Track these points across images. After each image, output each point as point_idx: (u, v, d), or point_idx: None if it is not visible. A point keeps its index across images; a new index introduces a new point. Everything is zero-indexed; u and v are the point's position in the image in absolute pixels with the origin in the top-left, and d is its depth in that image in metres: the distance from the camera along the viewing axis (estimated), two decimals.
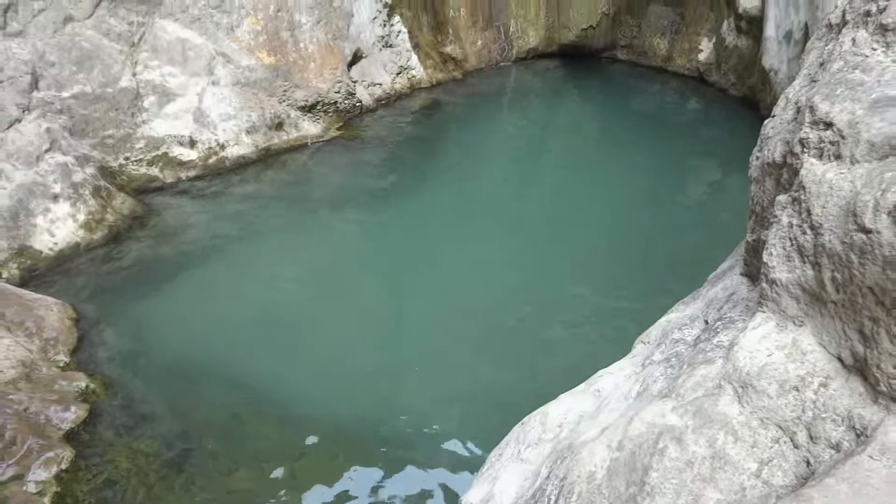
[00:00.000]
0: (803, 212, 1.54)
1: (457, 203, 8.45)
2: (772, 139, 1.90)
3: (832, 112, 1.53)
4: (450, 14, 12.47)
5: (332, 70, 10.47)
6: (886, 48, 1.56)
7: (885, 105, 1.45)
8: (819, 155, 1.55)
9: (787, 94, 1.96)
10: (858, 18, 1.67)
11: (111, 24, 8.56)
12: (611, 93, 11.85)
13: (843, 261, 1.42)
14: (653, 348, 2.24)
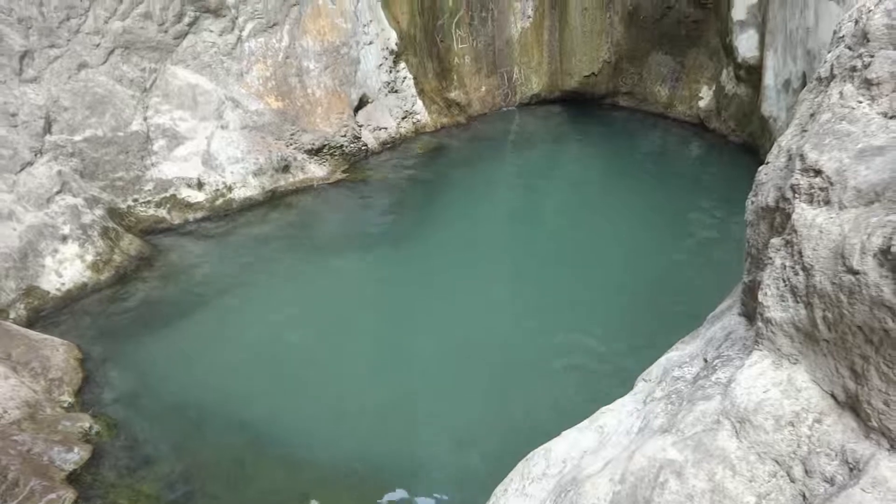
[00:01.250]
0: (795, 254, 1.61)
1: (460, 245, 8.54)
2: (765, 185, 1.98)
3: (821, 160, 1.62)
4: (455, 61, 12.77)
5: (338, 114, 10.70)
6: (871, 101, 1.65)
7: (871, 154, 1.54)
8: (809, 200, 1.63)
9: (780, 142, 2.05)
10: (845, 73, 1.77)
11: (124, 71, 8.80)
12: (613, 138, 12.04)
13: (833, 301, 1.48)
14: (654, 385, 2.28)
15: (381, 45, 11.52)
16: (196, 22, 9.38)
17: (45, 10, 8.03)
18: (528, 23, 13.22)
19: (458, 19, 12.70)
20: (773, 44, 10.14)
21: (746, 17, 11.06)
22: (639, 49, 13.01)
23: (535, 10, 13.16)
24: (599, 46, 13.08)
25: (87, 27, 8.42)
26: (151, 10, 8.92)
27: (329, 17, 10.77)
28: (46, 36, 8.07)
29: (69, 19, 8.25)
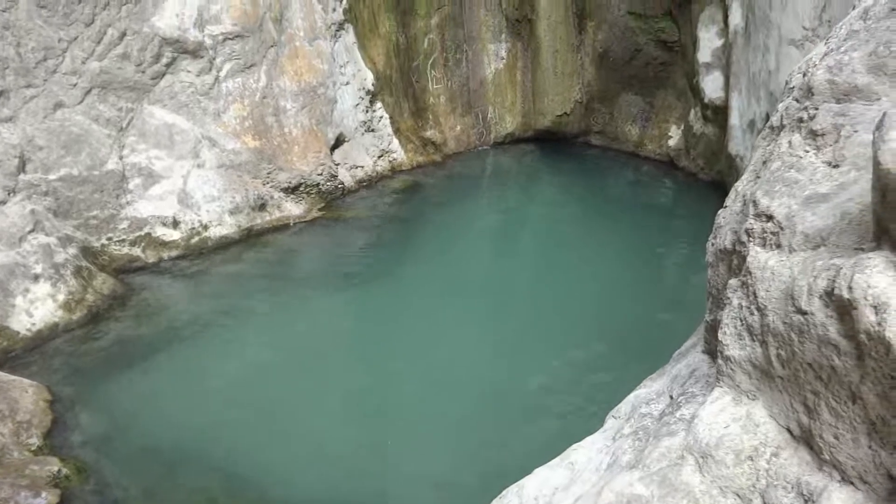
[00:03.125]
0: (750, 294, 1.70)
1: (436, 282, 8.60)
2: (723, 228, 2.08)
3: (772, 206, 1.72)
4: (430, 101, 12.99)
5: (315, 153, 10.79)
6: (817, 150, 1.76)
7: (816, 201, 1.64)
8: (763, 244, 1.72)
9: (737, 187, 2.16)
10: (793, 123, 1.88)
11: (101, 110, 8.83)
12: (585, 176, 12.28)
13: (785, 339, 1.57)
14: (622, 422, 2.35)
15: (357, 86, 11.70)
16: (174, 62, 9.47)
17: (23, 50, 8.07)
18: (501, 64, 13.53)
19: (433, 60, 12.96)
20: (738, 85, 10.50)
21: (711, 60, 11.45)
22: (609, 90, 13.35)
23: (508, 52, 13.48)
24: (571, 87, 13.41)
25: (64, 67, 8.47)
26: (129, 50, 9.00)
27: (306, 58, 10.94)
28: (23, 76, 8.10)
29: (46, 60, 8.30)
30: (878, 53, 1.71)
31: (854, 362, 1.40)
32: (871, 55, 1.73)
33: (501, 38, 13.44)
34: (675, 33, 12.27)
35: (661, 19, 12.33)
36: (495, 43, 13.43)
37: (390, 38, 12.37)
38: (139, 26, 9.06)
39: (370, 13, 12.09)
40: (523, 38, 13.44)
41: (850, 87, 1.75)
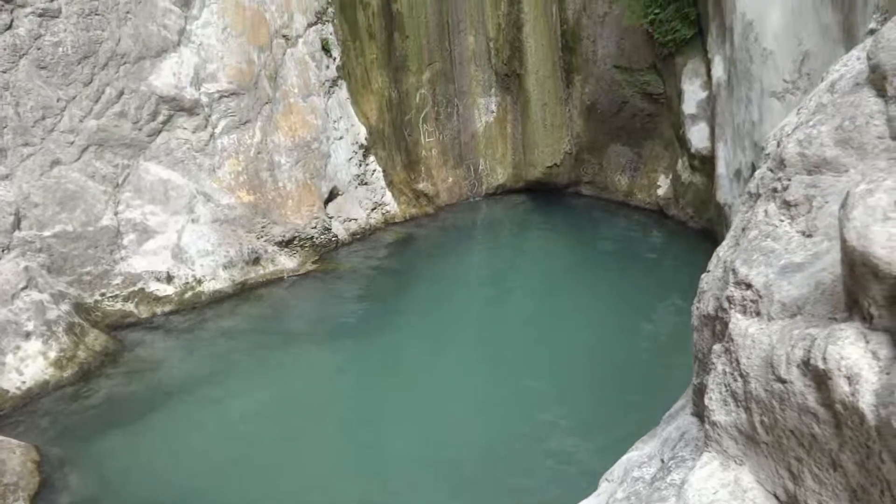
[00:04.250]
0: (733, 361, 1.75)
1: (430, 334, 8.60)
2: (706, 293, 2.14)
3: (750, 275, 1.78)
4: (422, 154, 13.20)
5: (309, 207, 10.91)
6: (791, 220, 1.83)
7: (792, 271, 1.71)
8: (743, 311, 1.78)
9: (718, 252, 2.23)
10: (768, 193, 1.96)
11: (97, 167, 8.94)
12: (577, 226, 12.41)
13: (768, 406, 1.61)
14: (616, 486, 2.36)
15: (350, 140, 11.90)
16: (170, 120, 9.64)
17: (22, 110, 8.22)
18: (492, 117, 13.81)
19: (425, 114, 13.22)
20: (723, 136, 10.73)
21: (696, 111, 11.72)
22: (598, 141, 13.61)
23: (498, 106, 13.77)
24: (560, 139, 13.66)
25: (62, 126, 8.61)
26: (127, 109, 9.17)
27: (300, 113, 11.15)
28: (21, 135, 8.23)
29: (45, 119, 8.44)
30: (844, 128, 1.80)
31: (833, 430, 1.44)
32: (837, 129, 1.82)
33: (491, 93, 13.75)
34: (660, 86, 12.58)
35: (645, 73, 12.65)
36: (485, 97, 13.74)
37: (383, 94, 12.64)
38: (137, 85, 9.25)
39: (363, 70, 12.38)
40: (513, 92, 13.75)
41: (819, 159, 1.84)
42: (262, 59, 10.67)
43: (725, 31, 10.38)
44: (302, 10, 11.31)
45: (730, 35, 10.17)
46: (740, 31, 9.77)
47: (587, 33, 13.08)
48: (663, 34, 11.80)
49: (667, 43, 11.82)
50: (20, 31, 8.14)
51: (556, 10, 13.38)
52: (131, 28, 9.17)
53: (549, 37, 13.46)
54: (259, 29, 10.68)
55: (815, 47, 8.27)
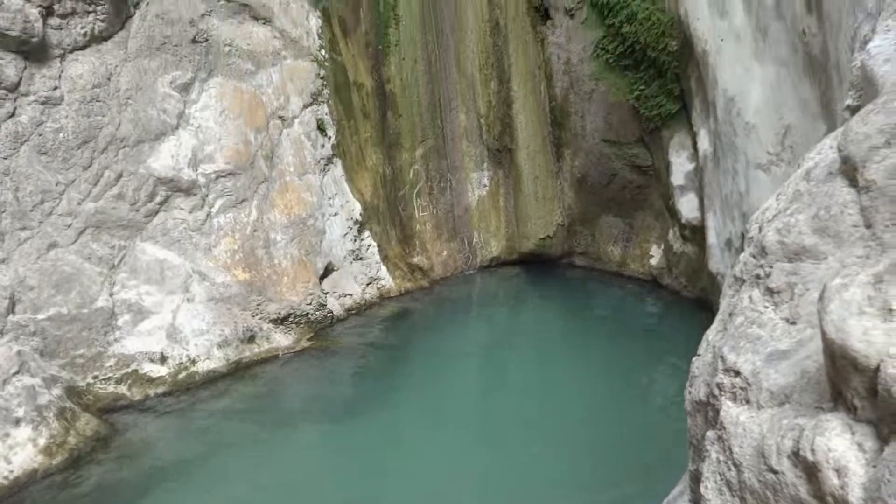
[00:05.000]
0: (726, 449, 1.75)
1: (426, 410, 8.49)
2: (697, 378, 2.16)
3: (738, 362, 1.81)
4: (416, 228, 13.36)
5: (304, 283, 10.94)
6: (775, 307, 1.88)
7: (778, 358, 1.74)
8: (733, 398, 1.80)
9: (707, 336, 2.26)
10: (752, 279, 2.01)
11: (93, 249, 9.01)
12: (571, 297, 12.45)
13: (762, 496, 1.61)
14: None
15: (345, 216, 12.06)
16: (167, 200, 9.78)
17: (21, 195, 8.34)
18: (484, 191, 14.05)
19: (418, 189, 13.45)
20: (712, 206, 10.92)
21: (685, 183, 11.95)
22: (590, 212, 13.81)
23: (490, 180, 14.04)
24: (552, 211, 13.86)
25: (60, 209, 8.72)
26: (125, 191, 9.32)
27: (296, 191, 11.34)
28: (19, 219, 8.32)
29: (43, 203, 8.56)
30: (821, 217, 1.86)
31: None
32: (814, 218, 1.88)
33: (484, 167, 14.04)
34: (648, 158, 12.88)
35: (633, 146, 12.97)
36: (478, 171, 14.02)
37: (377, 170, 12.90)
38: (135, 168, 9.43)
39: (357, 148, 12.67)
40: (504, 167, 14.05)
41: (798, 247, 1.89)
42: (259, 140, 10.93)
43: (709, 106, 10.71)
44: (298, 93, 11.66)
45: (713, 109, 10.49)
46: (723, 106, 10.09)
47: (575, 109, 13.47)
48: (649, 109, 12.16)
49: (653, 117, 12.17)
50: (23, 118, 8.35)
51: (544, 88, 13.83)
52: (131, 113, 9.42)
53: (539, 113, 13.86)
54: (256, 111, 10.99)
55: (795, 121, 8.54)
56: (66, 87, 8.71)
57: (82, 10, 8.81)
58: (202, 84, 10.34)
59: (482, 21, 13.73)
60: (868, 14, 5.83)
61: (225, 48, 10.63)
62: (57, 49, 8.65)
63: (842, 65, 6.68)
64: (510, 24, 13.74)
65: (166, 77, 9.85)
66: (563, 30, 13.40)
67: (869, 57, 5.66)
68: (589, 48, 12.91)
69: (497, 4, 13.73)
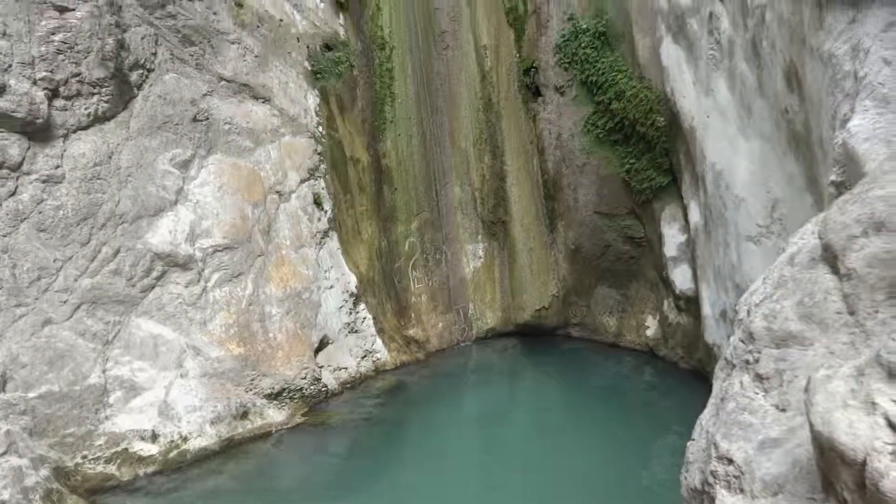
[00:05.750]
0: None
1: (425, 486, 8.31)
2: (692, 465, 2.16)
3: (731, 449, 1.82)
4: (412, 300, 13.38)
5: (299, 357, 10.87)
6: (765, 393, 1.91)
7: (770, 447, 1.75)
8: (727, 487, 1.80)
9: (701, 420, 2.27)
10: (742, 364, 2.05)
11: (88, 325, 8.98)
12: (568, 369, 12.37)
13: None
14: None
15: (341, 289, 12.09)
16: (164, 275, 9.82)
17: (18, 272, 8.38)
18: (479, 262, 14.15)
19: (414, 261, 13.55)
20: (705, 277, 11.00)
21: (678, 254, 12.07)
22: (584, 283, 13.88)
23: (485, 252, 14.16)
24: (547, 282, 13.93)
25: (56, 285, 8.74)
26: (121, 266, 9.36)
27: (292, 265, 11.41)
28: (15, 296, 8.33)
29: (40, 279, 8.59)
30: (805, 304, 1.91)
31: None
32: (799, 304, 1.93)
33: (478, 239, 14.19)
34: (640, 230, 13.05)
35: (625, 218, 13.17)
36: (473, 243, 14.16)
37: (373, 243, 13.02)
38: (133, 243, 9.51)
39: (353, 221, 12.83)
40: (499, 238, 14.20)
41: (785, 333, 1.93)
42: (256, 215, 11.07)
43: (698, 179, 10.94)
44: (295, 168, 11.89)
45: (702, 183, 10.72)
46: (712, 180, 10.31)
47: (568, 182, 13.73)
48: (640, 182, 12.41)
49: (643, 190, 12.41)
50: (24, 196, 8.48)
51: (536, 162, 14.13)
52: (131, 189, 9.57)
53: (532, 186, 14.12)
54: (254, 186, 11.18)
55: (783, 194, 8.72)
56: (67, 166, 8.88)
57: (87, 91, 9.07)
58: (201, 161, 10.55)
59: (475, 98, 14.16)
60: (846, 94, 6.06)
61: (225, 126, 10.90)
62: (61, 129, 8.87)
63: (825, 140, 6.89)
64: (503, 101, 14.16)
65: (167, 154, 10.06)
66: (553, 106, 13.80)
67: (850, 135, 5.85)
68: (579, 124, 13.27)
69: (490, 82, 14.19)
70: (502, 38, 14.22)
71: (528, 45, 14.13)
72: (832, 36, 6.36)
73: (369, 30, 13.47)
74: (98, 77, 9.10)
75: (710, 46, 10.03)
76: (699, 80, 10.43)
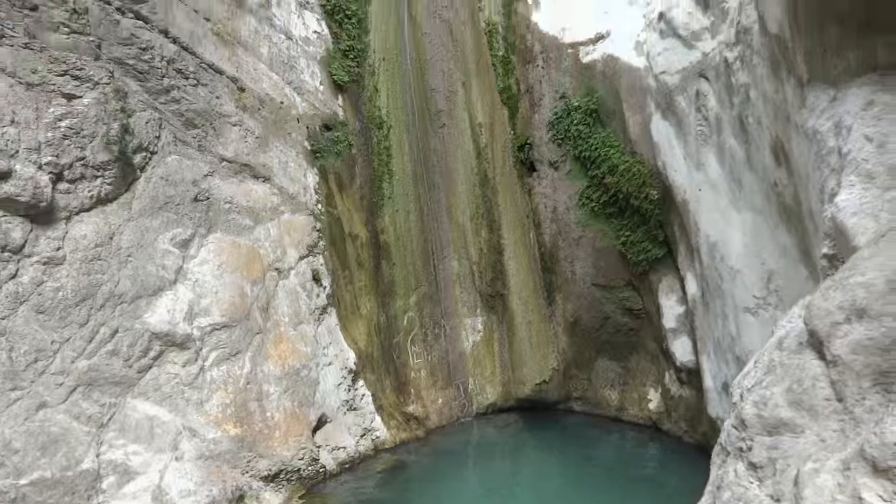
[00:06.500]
0: None
1: None
2: None
3: None
4: (411, 375, 13.26)
5: (296, 437, 10.68)
6: (759, 482, 1.90)
7: None
8: None
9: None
10: (736, 451, 2.04)
11: (83, 408, 8.87)
12: (571, 444, 12.14)
13: None
14: None
15: (340, 365, 12.00)
16: (161, 355, 9.76)
17: (15, 354, 8.34)
18: (478, 336, 14.10)
19: (412, 336, 13.50)
20: (706, 349, 10.95)
21: (677, 325, 12.06)
22: (584, 356, 13.80)
23: (484, 325, 14.14)
24: (547, 355, 13.85)
25: (53, 367, 8.68)
26: (119, 347, 9.32)
27: (290, 342, 11.36)
28: (10, 379, 8.26)
29: (37, 361, 8.54)
30: (794, 391, 1.93)
31: None
32: (788, 391, 1.95)
33: (477, 313, 14.19)
34: (638, 301, 13.07)
35: (623, 289, 13.21)
36: (471, 317, 14.14)
37: (371, 318, 13.01)
38: (131, 324, 9.50)
39: (352, 296, 12.86)
40: (498, 312, 14.20)
41: (776, 420, 1.94)
42: (255, 292, 11.10)
43: (693, 251, 11.05)
44: (294, 245, 12.01)
45: (697, 254, 10.81)
46: (707, 251, 10.41)
47: (564, 255, 13.85)
48: (636, 254, 12.52)
49: (640, 262, 12.51)
50: (24, 279, 8.54)
51: (533, 235, 14.30)
52: (131, 270, 9.64)
53: (529, 259, 14.23)
54: (253, 264, 11.26)
55: (777, 266, 8.79)
56: (69, 248, 8.98)
57: (91, 174, 9.27)
58: (202, 239, 10.67)
59: (472, 174, 14.44)
60: (832, 169, 6.21)
61: (225, 205, 11.08)
62: (63, 212, 9.01)
63: (814, 213, 7.00)
64: (498, 176, 14.44)
65: (167, 234, 10.18)
66: (548, 180, 14.07)
67: (838, 210, 5.96)
68: (574, 197, 13.50)
69: (485, 158, 14.51)
70: (497, 116, 14.63)
71: (522, 122, 14.53)
72: (815, 113, 6.57)
73: (367, 110, 13.87)
74: (102, 160, 9.32)
75: (698, 122, 10.32)
76: (689, 154, 10.68)
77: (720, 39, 9.57)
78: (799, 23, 6.60)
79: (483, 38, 14.82)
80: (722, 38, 9.50)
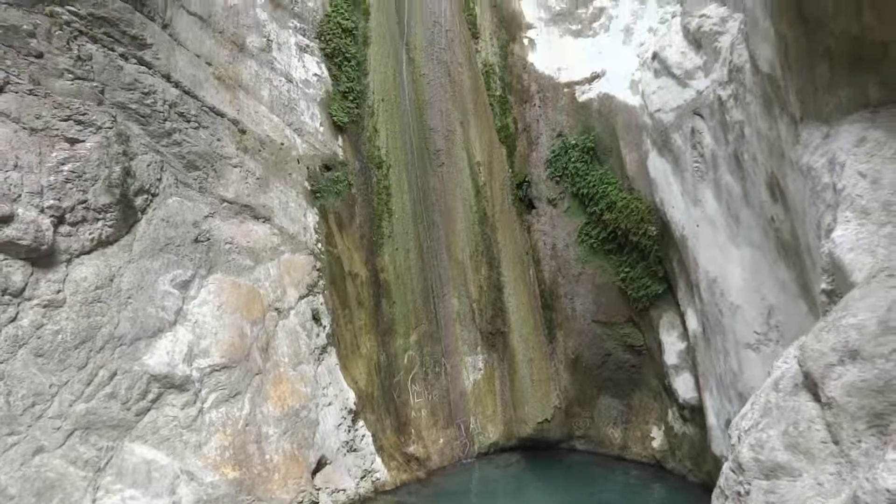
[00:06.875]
0: None
1: None
2: None
3: None
4: (412, 415, 13.13)
5: (295, 480, 10.54)
6: None
7: None
8: None
9: None
10: (734, 496, 2.03)
11: (80, 452, 8.77)
12: (574, 484, 11.97)
13: None
14: None
15: (339, 406, 11.90)
16: (160, 398, 9.69)
17: (13, 399, 8.28)
18: (479, 375, 14.01)
19: (413, 375, 13.41)
20: (708, 386, 10.87)
21: (678, 362, 11.99)
22: (586, 393, 13.68)
23: (485, 363, 14.06)
24: (549, 393, 13.74)
25: (50, 411, 8.61)
26: (117, 389, 9.26)
27: (290, 382, 11.29)
28: (7, 424, 8.19)
29: (34, 405, 8.47)
30: (790, 433, 1.92)
31: None
32: (784, 434, 1.94)
33: (478, 351, 14.12)
34: (640, 338, 13.02)
35: (624, 326, 13.17)
36: (472, 355, 14.07)
37: (371, 357, 12.94)
38: (130, 366, 9.45)
39: (352, 335, 12.82)
40: (498, 350, 14.13)
41: (773, 464, 1.93)
42: (255, 332, 11.07)
43: (693, 287, 11.05)
44: (294, 285, 12.02)
45: (697, 290, 10.81)
46: (706, 287, 10.41)
47: (564, 291, 13.84)
48: (636, 290, 12.52)
49: (640, 298, 12.49)
50: (24, 322, 8.52)
51: (533, 272, 14.31)
52: (131, 311, 9.63)
53: (529, 296, 14.21)
54: (253, 304, 11.25)
55: (777, 301, 8.78)
56: (69, 290, 8.99)
57: (92, 217, 9.33)
58: (202, 280, 10.68)
59: (471, 212, 14.52)
60: (828, 205, 6.26)
61: (226, 246, 11.12)
62: (64, 254, 9.05)
63: (812, 248, 7.03)
64: (497, 214, 14.52)
65: (167, 276, 10.19)
66: (547, 218, 14.14)
67: (835, 245, 5.98)
68: (573, 234, 13.55)
69: (484, 196, 14.60)
70: (495, 155, 14.78)
71: (520, 160, 14.67)
72: (809, 150, 6.64)
73: (367, 150, 14.01)
74: (104, 203, 9.39)
75: (694, 159, 10.42)
76: (686, 191, 10.76)
77: (713, 78, 9.72)
78: (790, 61, 6.72)
79: (480, 78, 15.06)
80: (715, 76, 9.66)
